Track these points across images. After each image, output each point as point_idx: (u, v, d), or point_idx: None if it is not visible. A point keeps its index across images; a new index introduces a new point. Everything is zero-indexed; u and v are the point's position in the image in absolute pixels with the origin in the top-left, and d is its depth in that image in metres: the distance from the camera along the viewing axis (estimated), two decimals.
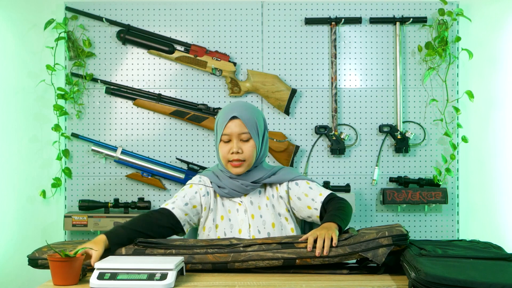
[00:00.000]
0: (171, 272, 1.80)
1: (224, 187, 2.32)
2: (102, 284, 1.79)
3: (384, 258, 1.96)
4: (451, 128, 3.34)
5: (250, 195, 2.34)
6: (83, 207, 3.26)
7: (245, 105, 2.33)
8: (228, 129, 2.27)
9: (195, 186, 2.35)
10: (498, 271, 1.79)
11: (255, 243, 2.01)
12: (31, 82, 3.34)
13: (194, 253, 2.00)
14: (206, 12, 3.38)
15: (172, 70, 3.38)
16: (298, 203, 2.32)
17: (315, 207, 2.29)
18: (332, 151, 3.35)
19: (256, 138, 2.29)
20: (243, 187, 2.30)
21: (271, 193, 2.35)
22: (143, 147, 3.37)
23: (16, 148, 3.37)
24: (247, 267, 2.00)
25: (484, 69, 3.41)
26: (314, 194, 2.31)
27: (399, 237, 1.98)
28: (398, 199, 3.28)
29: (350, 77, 3.40)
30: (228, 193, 2.32)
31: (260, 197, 2.34)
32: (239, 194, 2.32)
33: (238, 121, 2.26)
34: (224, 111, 2.32)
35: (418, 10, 3.38)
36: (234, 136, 2.27)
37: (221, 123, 2.29)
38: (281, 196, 2.34)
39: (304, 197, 2.32)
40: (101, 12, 3.36)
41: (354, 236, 2.01)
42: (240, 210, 2.31)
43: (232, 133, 2.26)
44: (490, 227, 3.39)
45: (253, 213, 2.31)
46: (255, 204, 2.32)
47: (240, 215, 2.31)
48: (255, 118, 2.29)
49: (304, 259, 1.99)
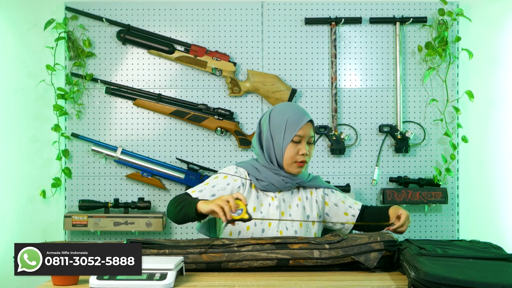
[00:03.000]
0: (170, 272, 1.80)
1: (264, 180, 2.35)
2: (102, 284, 1.79)
3: (375, 262, 2.01)
4: (451, 128, 3.34)
5: (283, 193, 2.39)
6: (83, 207, 3.26)
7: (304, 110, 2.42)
8: (302, 131, 2.33)
9: (229, 177, 2.36)
10: (498, 271, 1.79)
11: (249, 243, 2.03)
12: (31, 82, 3.34)
13: (188, 253, 2.01)
14: (206, 12, 3.38)
15: (172, 70, 3.38)
16: (335, 209, 2.44)
17: (352, 213, 2.45)
18: (332, 151, 3.35)
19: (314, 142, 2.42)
20: (283, 183, 2.35)
21: (304, 195, 2.42)
22: (143, 147, 3.37)
23: (16, 148, 3.37)
24: (241, 267, 2.02)
25: (484, 69, 3.41)
26: (351, 202, 2.48)
27: (390, 243, 2.03)
28: (398, 199, 3.28)
29: (350, 77, 3.40)
30: (266, 186, 2.35)
31: (292, 196, 2.40)
32: (276, 189, 2.36)
33: (311, 125, 2.37)
34: (295, 112, 2.36)
35: (418, 10, 3.38)
36: (305, 138, 2.34)
37: (295, 124, 2.33)
38: (317, 200, 2.43)
39: (341, 204, 2.45)
40: (101, 12, 3.36)
41: (347, 240, 2.05)
42: (273, 205, 2.35)
43: (305, 135, 2.34)
44: (490, 227, 3.39)
45: (284, 210, 2.36)
46: (286, 202, 2.38)
47: (271, 209, 2.35)
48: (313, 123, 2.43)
49: (298, 260, 2.02)
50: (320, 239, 2.08)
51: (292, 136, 2.32)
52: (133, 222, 3.23)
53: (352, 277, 1.97)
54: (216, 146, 3.37)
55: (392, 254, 2.04)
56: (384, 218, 2.34)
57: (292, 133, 2.31)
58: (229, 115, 3.33)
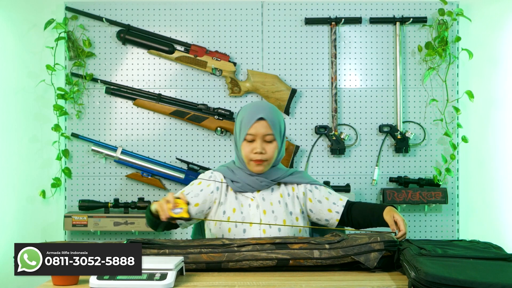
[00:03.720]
0: (170, 272, 1.80)
1: (238, 181, 2.35)
2: (102, 284, 1.79)
3: (375, 262, 2.00)
4: (451, 128, 3.34)
5: (262, 192, 2.37)
6: (83, 207, 3.26)
7: (270, 106, 2.37)
8: (253, 129, 2.30)
9: (203, 183, 2.38)
10: (498, 271, 1.79)
11: (249, 243, 2.03)
12: (31, 82, 3.34)
13: (188, 253, 2.01)
14: (206, 12, 3.38)
15: (172, 70, 3.38)
16: (319, 206, 2.39)
17: (336, 210, 2.38)
18: (332, 151, 3.35)
19: (279, 139, 2.34)
20: (258, 182, 2.34)
21: (285, 192, 2.39)
22: (143, 147, 3.37)
23: (16, 148, 3.37)
24: (241, 267, 2.02)
25: (484, 69, 3.41)
26: (335, 198, 2.41)
27: (390, 243, 2.02)
28: (398, 199, 3.28)
29: (350, 77, 3.40)
30: (241, 187, 2.35)
31: (273, 194, 2.38)
32: (253, 189, 2.35)
33: (265, 122, 2.30)
34: (250, 111, 2.34)
35: (418, 10, 3.38)
36: (258, 136, 2.31)
37: (246, 123, 2.32)
38: (298, 196, 2.39)
39: (325, 200, 2.40)
40: (101, 12, 3.36)
41: (347, 240, 2.05)
42: (252, 205, 2.34)
43: (257, 133, 2.30)
44: (490, 227, 3.39)
45: (265, 208, 2.34)
46: (267, 200, 2.36)
47: (252, 209, 2.34)
48: (279, 120, 2.35)
49: (298, 260, 2.02)
50: (320, 239, 2.08)
51: (244, 135, 2.31)
52: (133, 222, 3.23)
53: (352, 277, 1.97)
54: (216, 146, 3.37)
55: (392, 254, 2.04)
56: (377, 220, 2.31)
57: (244, 132, 2.31)
58: (229, 115, 3.33)
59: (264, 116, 2.30)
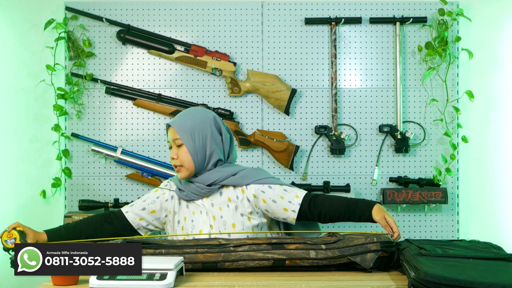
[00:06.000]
0: (170, 272, 1.80)
1: (184, 189, 2.39)
2: (102, 284, 1.79)
3: (372, 263, 2.01)
4: (451, 128, 3.34)
5: (211, 197, 2.37)
6: (83, 207, 3.26)
7: (185, 112, 2.40)
8: (168, 137, 2.39)
9: (159, 191, 2.44)
10: (498, 271, 1.79)
11: (245, 243, 2.03)
12: (31, 82, 3.34)
13: (184, 253, 2.01)
14: (206, 12, 3.38)
15: (172, 70, 3.38)
16: (274, 206, 2.34)
17: (292, 209, 2.33)
18: (332, 151, 3.35)
19: (190, 143, 2.33)
20: (199, 190, 2.36)
21: (234, 195, 2.36)
22: (143, 147, 3.37)
23: (16, 148, 3.37)
24: (237, 267, 2.02)
25: (484, 69, 3.41)
26: (291, 196, 2.34)
27: (386, 244, 2.02)
28: (398, 199, 3.28)
29: (350, 77, 3.40)
30: (186, 196, 2.38)
31: (221, 198, 2.37)
32: (198, 196, 2.37)
33: (171, 129, 2.37)
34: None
35: (418, 10, 3.38)
36: (172, 143, 2.37)
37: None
38: (249, 199, 2.36)
39: (279, 199, 2.34)
40: (101, 12, 3.36)
41: (343, 240, 2.05)
42: (203, 212, 2.36)
43: (170, 140, 2.38)
44: (490, 227, 3.39)
45: (214, 214, 2.34)
46: (215, 205, 2.36)
47: (203, 216, 2.35)
48: (189, 124, 2.33)
49: (294, 260, 2.03)
50: (316, 239, 2.09)
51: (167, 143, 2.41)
52: None
53: (352, 277, 1.97)
54: None
55: (389, 255, 2.04)
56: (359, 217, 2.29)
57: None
58: (229, 115, 3.33)
59: (170, 123, 2.38)
